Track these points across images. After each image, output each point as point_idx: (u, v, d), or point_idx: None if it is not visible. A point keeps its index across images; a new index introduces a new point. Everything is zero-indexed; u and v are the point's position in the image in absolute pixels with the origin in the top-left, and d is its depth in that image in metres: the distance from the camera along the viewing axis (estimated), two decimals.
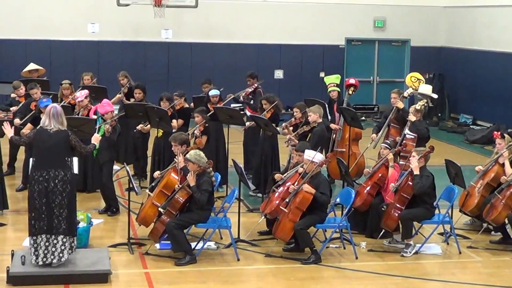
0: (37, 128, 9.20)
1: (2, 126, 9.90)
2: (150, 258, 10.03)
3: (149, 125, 13.09)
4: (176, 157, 10.46)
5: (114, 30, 21.53)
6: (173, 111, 12.93)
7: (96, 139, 9.61)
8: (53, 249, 8.92)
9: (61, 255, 8.95)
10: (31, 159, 9.21)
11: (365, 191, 11.00)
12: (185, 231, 10.10)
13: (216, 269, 9.77)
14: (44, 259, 8.91)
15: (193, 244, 10.18)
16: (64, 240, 8.96)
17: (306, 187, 9.91)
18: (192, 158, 9.92)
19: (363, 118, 21.37)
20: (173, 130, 12.37)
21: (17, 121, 12.80)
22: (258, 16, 22.43)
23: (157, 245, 10.35)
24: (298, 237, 10.05)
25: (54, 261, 8.93)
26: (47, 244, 8.92)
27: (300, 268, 9.83)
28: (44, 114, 9.19)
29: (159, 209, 10.08)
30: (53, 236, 8.92)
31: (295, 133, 12.20)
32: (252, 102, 14.39)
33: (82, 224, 10.15)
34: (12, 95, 14.55)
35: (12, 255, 9.21)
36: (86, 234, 10.24)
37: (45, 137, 8.94)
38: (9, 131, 9.61)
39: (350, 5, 22.80)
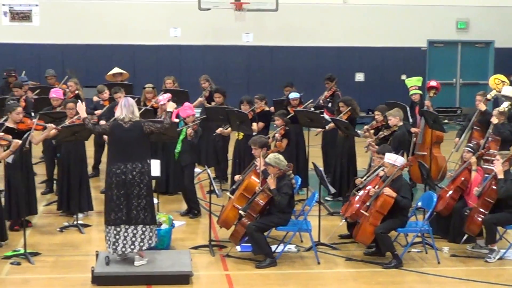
0: (112, 121, 9.43)
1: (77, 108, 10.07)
2: (231, 260, 10.10)
3: (229, 128, 13.19)
4: (257, 160, 10.51)
5: (195, 34, 21.78)
6: (253, 114, 12.98)
7: None
8: (133, 239, 9.09)
9: (141, 244, 9.12)
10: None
11: (448, 195, 10.84)
12: (265, 233, 10.14)
13: (297, 272, 9.77)
14: (123, 249, 9.10)
15: (273, 247, 10.20)
16: (144, 229, 9.14)
17: (387, 191, 9.83)
18: (272, 161, 9.95)
19: (446, 121, 21.05)
20: (254, 133, 12.42)
21: (102, 123, 13.09)
22: (338, 18, 22.36)
23: (238, 248, 10.41)
24: (379, 241, 9.97)
25: (135, 250, 9.10)
26: (125, 234, 9.10)
27: (381, 272, 9.75)
28: (117, 106, 9.42)
29: (240, 211, 10.15)
30: (132, 227, 9.11)
31: (376, 137, 12.11)
32: (330, 105, 14.34)
33: (164, 226, 10.29)
34: (95, 98, 14.86)
35: (97, 255, 9.41)
36: (168, 235, 10.37)
37: (120, 132, 9.15)
38: (81, 110, 9.71)
39: (432, 6, 22.50)
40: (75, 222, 11.48)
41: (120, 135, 9.16)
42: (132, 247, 9.12)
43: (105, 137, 12.18)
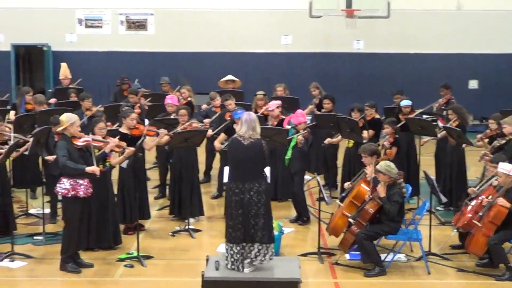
0: (232, 138, 9.29)
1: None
2: (339, 268, 10.06)
3: (338, 137, 13.14)
4: (366, 168, 10.44)
5: (306, 41, 21.82)
6: (364, 121, 12.90)
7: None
8: (249, 255, 9.09)
9: (253, 259, 9.13)
10: (225, 168, 9.49)
11: None
12: (375, 242, 10.05)
13: (406, 282, 9.64)
14: (240, 267, 9.11)
15: (382, 256, 10.10)
16: (260, 247, 9.08)
17: (501, 201, 9.58)
18: (383, 169, 9.87)
19: None
20: (364, 141, 12.34)
21: (209, 132, 13.20)
22: (451, 24, 21.94)
23: (347, 256, 10.36)
24: (492, 252, 9.72)
25: (247, 267, 9.13)
26: (242, 251, 9.07)
27: (494, 285, 9.50)
28: (239, 122, 9.37)
29: (349, 219, 10.10)
30: (249, 244, 9.06)
31: (491, 146, 11.80)
32: (444, 113, 14.08)
33: (274, 233, 10.32)
34: (204, 106, 15.07)
35: (207, 260, 9.53)
36: (277, 242, 10.39)
37: (240, 150, 8.97)
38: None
39: None
40: (187, 227, 11.67)
41: (238, 153, 9.00)
42: (246, 264, 9.07)
43: (216, 144, 12.36)
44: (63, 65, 16.87)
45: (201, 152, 12.79)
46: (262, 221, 9.02)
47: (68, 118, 9.76)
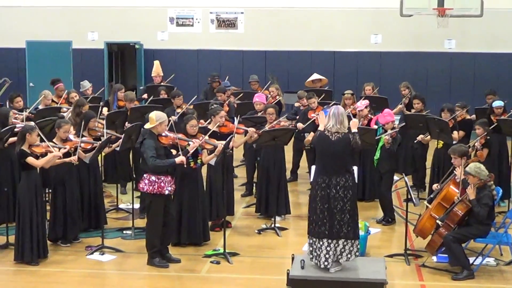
0: (319, 132, 9.23)
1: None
2: (426, 270, 9.94)
3: (429, 136, 12.97)
4: (456, 169, 10.27)
5: (396, 40, 21.57)
6: (454, 122, 12.69)
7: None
8: (334, 252, 9.09)
9: (339, 257, 9.12)
10: (312, 166, 9.49)
11: None
12: (463, 245, 9.89)
13: (495, 286, 9.47)
14: (326, 263, 9.11)
15: (471, 259, 9.93)
16: (345, 243, 9.08)
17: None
18: (472, 171, 9.70)
19: None
20: (453, 142, 12.14)
21: (299, 125, 13.34)
22: None
23: (434, 258, 10.23)
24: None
25: (332, 263, 9.13)
26: (328, 248, 9.08)
27: None
28: (327, 115, 9.32)
29: (437, 221, 9.97)
30: (334, 241, 9.06)
31: None
32: None
33: (360, 233, 10.27)
34: (296, 104, 15.10)
35: (293, 258, 9.55)
36: (364, 242, 10.35)
37: (327, 144, 8.99)
38: None
39: None
40: (273, 225, 11.72)
41: (325, 147, 9.00)
42: (334, 259, 9.11)
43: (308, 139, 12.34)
44: (156, 63, 17.15)
45: (288, 151, 12.81)
46: (348, 216, 9.01)
47: (157, 117, 9.93)
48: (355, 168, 9.63)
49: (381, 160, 11.86)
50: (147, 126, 9.99)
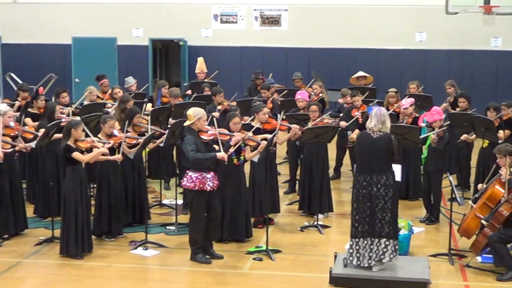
0: (361, 131, 9.41)
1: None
2: (470, 271, 9.84)
3: (474, 135, 12.83)
4: (501, 169, 10.15)
5: (441, 38, 21.37)
6: (500, 121, 12.54)
7: None
8: (377, 251, 9.09)
9: (382, 257, 9.09)
10: (355, 165, 9.49)
11: None
12: (508, 246, 9.77)
13: None
14: (369, 261, 9.13)
15: None
16: (387, 243, 9.08)
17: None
18: None
19: None
20: (499, 141, 12.00)
21: (342, 123, 13.32)
22: None
23: (479, 258, 10.12)
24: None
25: (375, 263, 9.11)
26: (371, 247, 9.11)
27: None
28: (370, 115, 9.38)
29: (482, 221, 9.86)
30: (376, 240, 9.08)
31: None
32: None
33: (403, 232, 10.22)
34: (340, 101, 15.06)
35: (335, 257, 9.53)
36: (407, 241, 10.29)
37: (368, 142, 9.09)
38: None
39: None
40: (315, 223, 11.71)
41: (367, 146, 9.10)
42: (375, 259, 9.12)
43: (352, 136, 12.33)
44: (200, 60, 17.22)
45: (331, 148, 12.78)
46: (389, 215, 9.05)
47: (195, 113, 9.97)
48: (399, 167, 9.60)
49: (428, 159, 11.79)
50: (186, 123, 10.04)
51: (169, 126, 11.59)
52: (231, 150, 10.36)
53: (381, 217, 9.02)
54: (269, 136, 10.83)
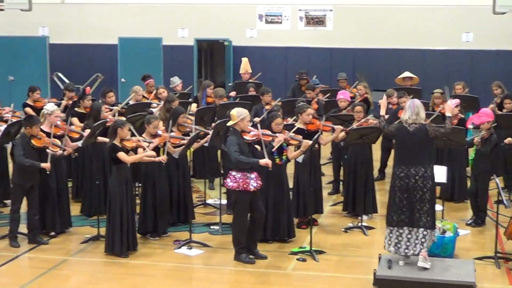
0: (398, 124, 9.51)
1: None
2: None
3: None
4: None
5: (488, 39, 21.13)
6: None
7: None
8: (416, 241, 9.15)
9: (421, 247, 9.12)
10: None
11: None
12: None
13: None
14: (406, 251, 9.19)
15: None
16: (425, 233, 9.14)
17: None
18: None
19: None
20: None
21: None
22: None
23: None
24: None
25: (415, 253, 9.14)
26: (409, 236, 9.19)
27: None
28: (404, 108, 9.43)
29: None
30: (414, 229, 9.16)
31: None
32: None
33: (448, 234, 10.14)
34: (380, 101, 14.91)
35: (379, 258, 9.48)
36: (452, 244, 10.20)
37: (404, 134, 9.19)
38: None
39: None
40: (360, 224, 11.66)
41: (404, 138, 9.20)
42: (415, 249, 9.16)
43: None
44: (244, 60, 17.26)
45: (376, 149, 12.71)
46: (428, 206, 9.14)
47: (239, 113, 9.99)
48: (444, 168, 9.55)
49: (475, 161, 11.68)
50: (229, 123, 10.07)
51: (213, 126, 11.63)
52: (273, 150, 10.36)
53: (419, 207, 9.14)
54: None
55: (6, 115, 12.38)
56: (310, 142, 10.52)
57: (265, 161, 9.81)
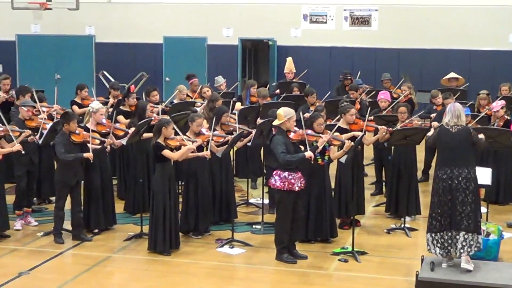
0: (440, 126, 9.44)
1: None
2: None
3: None
4: None
5: None
6: None
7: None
8: (457, 244, 9.05)
9: (461, 251, 9.01)
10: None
11: None
12: None
13: None
14: (448, 253, 9.10)
15: None
16: (466, 236, 9.01)
17: None
18: None
19: None
20: None
21: (435, 123, 13.14)
22: None
23: None
24: None
25: (457, 255, 9.04)
26: (449, 241, 9.08)
27: None
28: (445, 112, 9.35)
29: None
30: (454, 232, 9.06)
31: None
32: None
33: (492, 237, 10.03)
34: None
35: (422, 260, 9.40)
36: (496, 246, 10.08)
37: (447, 137, 9.10)
38: None
39: None
40: (402, 225, 11.59)
41: (447, 140, 9.12)
42: (456, 251, 9.06)
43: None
44: (289, 60, 17.26)
45: (420, 150, 12.62)
46: (469, 208, 9.00)
47: (286, 113, 9.99)
48: (488, 170, 9.44)
49: None
50: (275, 122, 10.07)
51: (257, 125, 11.64)
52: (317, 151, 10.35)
53: (461, 210, 9.01)
54: (358, 134, 10.80)
55: (53, 112, 12.58)
56: (352, 143, 10.48)
57: (309, 153, 9.86)
